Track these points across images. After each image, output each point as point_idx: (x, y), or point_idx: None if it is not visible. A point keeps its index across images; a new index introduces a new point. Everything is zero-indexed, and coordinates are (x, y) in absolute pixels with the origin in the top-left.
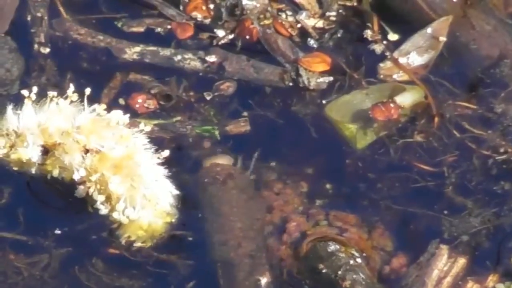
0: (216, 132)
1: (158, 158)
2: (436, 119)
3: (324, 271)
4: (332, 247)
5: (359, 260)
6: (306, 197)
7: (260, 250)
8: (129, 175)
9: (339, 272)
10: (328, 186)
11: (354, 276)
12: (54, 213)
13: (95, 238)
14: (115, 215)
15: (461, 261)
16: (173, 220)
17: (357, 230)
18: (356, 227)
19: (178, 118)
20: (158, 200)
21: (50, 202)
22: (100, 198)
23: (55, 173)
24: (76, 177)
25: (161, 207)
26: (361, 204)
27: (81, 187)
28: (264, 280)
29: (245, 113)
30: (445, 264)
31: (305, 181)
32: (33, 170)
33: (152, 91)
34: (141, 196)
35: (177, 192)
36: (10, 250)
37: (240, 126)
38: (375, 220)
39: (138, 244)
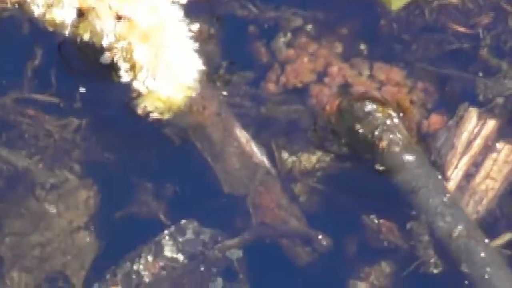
0: None
1: (189, 31)
2: None
3: (360, 131)
4: (369, 107)
5: (396, 120)
6: (341, 57)
7: (224, 108)
8: (155, 46)
9: (376, 132)
10: (362, 47)
11: (391, 136)
12: (80, 77)
13: (118, 104)
14: (136, 84)
15: (491, 123)
16: (193, 95)
17: (398, 84)
18: (398, 81)
19: None
20: (181, 73)
21: (78, 66)
22: (124, 66)
23: (86, 37)
24: (105, 42)
25: (184, 80)
26: (396, 65)
27: (108, 53)
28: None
29: None
30: (474, 127)
31: (340, 42)
32: (66, 32)
33: None
34: (164, 67)
35: (202, 67)
36: (41, 113)
37: None
38: (410, 81)
39: (155, 115)
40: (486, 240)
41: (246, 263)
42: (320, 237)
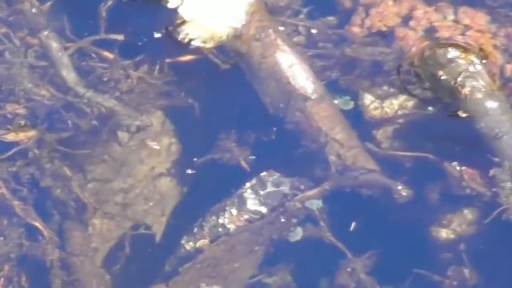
0: None
1: None
2: None
3: (443, 77)
4: (452, 53)
5: (478, 67)
6: (424, 2)
7: (268, 33)
8: None
9: (459, 79)
10: None
11: (474, 83)
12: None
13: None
14: (182, 10)
15: None
16: (238, 27)
17: (481, 29)
18: (481, 26)
19: None
20: (229, 4)
21: None
22: None
23: None
24: None
25: (230, 11)
26: (479, 10)
27: None
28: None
29: None
30: None
31: None
32: None
33: None
34: None
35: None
36: (117, 54)
37: None
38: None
39: (196, 43)
40: None
41: (326, 212)
42: (400, 187)
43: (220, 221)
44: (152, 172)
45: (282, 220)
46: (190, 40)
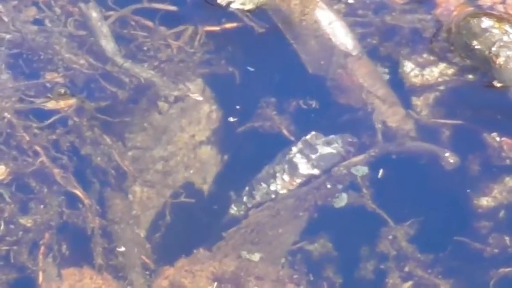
0: None
1: None
2: None
3: (477, 47)
4: (486, 23)
5: None
6: None
7: None
8: None
9: (493, 49)
10: None
11: (508, 53)
12: None
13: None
14: None
15: None
16: None
17: None
18: None
19: None
20: None
21: None
22: None
23: None
24: None
25: None
26: None
27: None
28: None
29: None
30: None
31: None
32: None
33: None
34: None
35: None
36: (158, 23)
37: None
38: None
39: (236, 5)
40: None
41: (371, 179)
42: (447, 154)
43: (272, 188)
44: (193, 140)
45: (328, 186)
46: (229, 3)
